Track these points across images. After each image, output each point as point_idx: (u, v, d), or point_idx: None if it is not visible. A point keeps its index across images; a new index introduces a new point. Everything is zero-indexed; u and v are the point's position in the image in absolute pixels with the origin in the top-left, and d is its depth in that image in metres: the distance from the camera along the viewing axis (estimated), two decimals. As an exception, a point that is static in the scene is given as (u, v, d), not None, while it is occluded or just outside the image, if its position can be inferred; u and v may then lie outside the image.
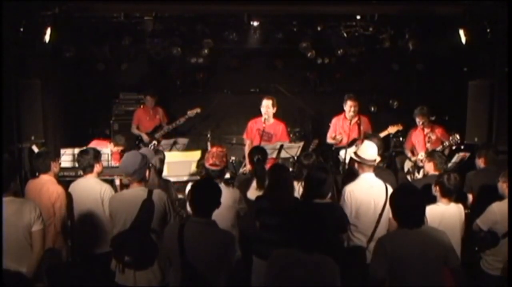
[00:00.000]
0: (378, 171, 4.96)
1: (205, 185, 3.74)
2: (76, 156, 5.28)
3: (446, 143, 6.78)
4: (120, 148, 7.13)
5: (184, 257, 3.46)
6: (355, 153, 4.85)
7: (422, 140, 7.16)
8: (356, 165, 4.81)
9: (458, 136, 6.72)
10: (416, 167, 7.08)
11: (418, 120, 7.17)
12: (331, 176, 4.53)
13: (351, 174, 6.09)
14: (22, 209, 3.82)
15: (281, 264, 3.29)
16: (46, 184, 4.79)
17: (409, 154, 7.41)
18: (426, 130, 7.11)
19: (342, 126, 7.57)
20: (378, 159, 4.89)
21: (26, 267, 3.79)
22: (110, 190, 4.89)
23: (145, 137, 8.42)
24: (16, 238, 3.78)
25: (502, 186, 4.60)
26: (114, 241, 4.01)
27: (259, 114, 7.21)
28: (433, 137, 7.03)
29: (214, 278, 3.51)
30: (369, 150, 4.77)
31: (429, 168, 5.37)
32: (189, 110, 8.29)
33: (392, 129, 7.45)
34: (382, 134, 7.22)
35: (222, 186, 4.69)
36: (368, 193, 4.60)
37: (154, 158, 5.04)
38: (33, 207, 3.86)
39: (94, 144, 6.81)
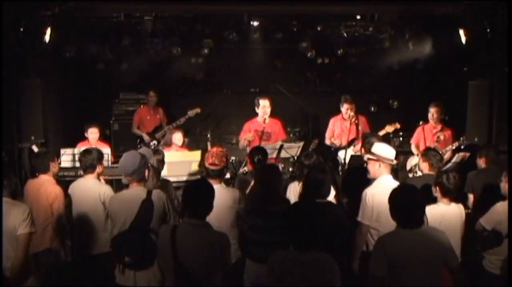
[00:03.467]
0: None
1: (199, 186, 3.71)
2: (78, 155, 5.26)
3: (456, 144, 6.81)
4: (97, 134, 7.34)
5: (177, 259, 3.44)
6: (371, 152, 4.75)
7: (430, 138, 7.17)
8: (373, 167, 4.71)
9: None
10: (419, 166, 7.06)
11: (432, 114, 7.15)
12: (330, 176, 4.50)
13: (351, 174, 6.14)
14: (10, 212, 3.75)
15: (280, 266, 3.27)
16: (45, 184, 4.78)
17: (415, 150, 7.37)
18: (436, 129, 7.12)
19: (340, 126, 7.57)
20: (395, 161, 4.79)
21: (9, 267, 3.76)
22: (110, 190, 4.88)
23: (146, 137, 8.43)
24: (3, 239, 3.73)
25: (505, 186, 4.59)
26: (114, 242, 4.01)
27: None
28: (442, 138, 7.03)
29: (208, 279, 3.49)
30: (385, 148, 4.71)
31: (424, 167, 5.35)
32: (189, 110, 8.30)
33: (389, 128, 7.41)
34: (380, 134, 7.22)
35: (222, 186, 4.71)
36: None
37: (153, 158, 5.03)
38: (21, 210, 3.77)
39: (80, 146, 6.84)
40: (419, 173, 6.80)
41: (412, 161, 7.31)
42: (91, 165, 4.90)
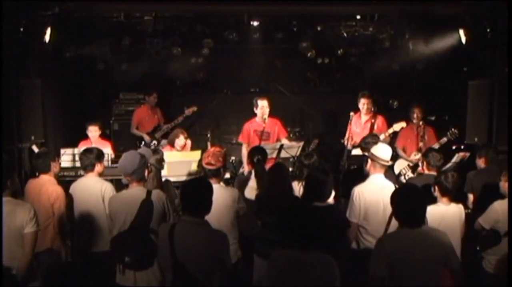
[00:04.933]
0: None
1: (197, 185, 3.71)
2: (79, 154, 5.28)
3: (445, 139, 6.79)
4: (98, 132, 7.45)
5: (175, 257, 3.45)
6: (370, 151, 4.81)
7: (414, 139, 7.17)
8: (367, 165, 4.76)
9: (456, 131, 6.76)
10: (410, 167, 7.05)
11: (416, 114, 7.16)
12: (332, 178, 4.49)
13: (351, 174, 6.14)
14: (15, 211, 3.81)
15: (281, 265, 3.27)
16: (46, 185, 4.79)
17: (402, 153, 7.36)
18: (419, 129, 7.12)
19: (355, 123, 7.54)
20: (391, 162, 4.84)
21: (16, 266, 3.80)
22: (111, 188, 4.90)
23: (146, 137, 8.42)
24: (8, 238, 3.77)
25: (504, 185, 4.60)
26: (114, 242, 4.01)
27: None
28: (426, 137, 7.05)
29: (207, 278, 3.49)
30: (384, 150, 4.74)
31: (424, 167, 5.38)
32: (186, 109, 8.31)
33: (397, 127, 7.37)
34: (388, 133, 7.21)
35: (221, 185, 4.72)
36: (378, 194, 4.53)
37: (152, 158, 5.03)
38: (27, 209, 3.84)
39: (82, 145, 6.87)
40: (410, 175, 6.84)
41: (401, 165, 7.27)
42: (90, 163, 4.92)
